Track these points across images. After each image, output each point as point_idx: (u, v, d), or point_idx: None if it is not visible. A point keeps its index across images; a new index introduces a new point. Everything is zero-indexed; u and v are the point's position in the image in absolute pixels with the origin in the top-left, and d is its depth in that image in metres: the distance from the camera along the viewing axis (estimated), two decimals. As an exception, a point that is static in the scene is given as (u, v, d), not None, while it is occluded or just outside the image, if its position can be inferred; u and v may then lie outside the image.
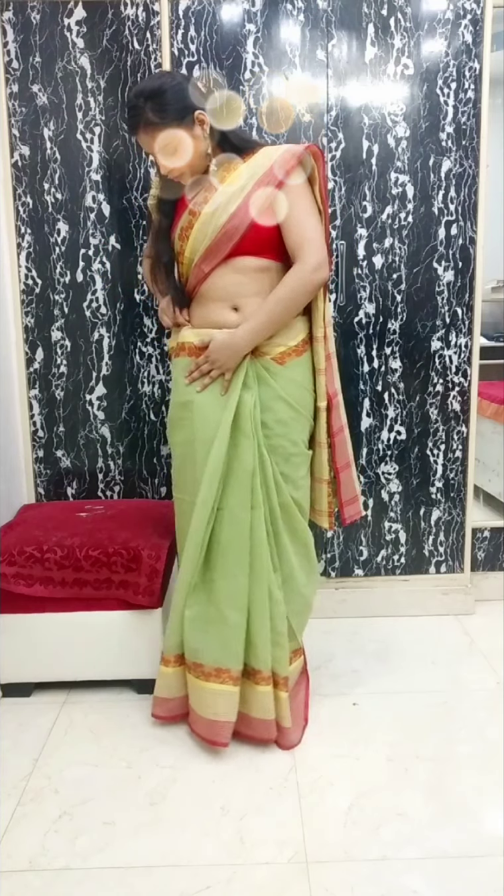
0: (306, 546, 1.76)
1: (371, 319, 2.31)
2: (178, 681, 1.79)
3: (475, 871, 1.36)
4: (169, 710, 1.81)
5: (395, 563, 2.44)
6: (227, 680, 1.69)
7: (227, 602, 1.67)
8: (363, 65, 2.18)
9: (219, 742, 1.70)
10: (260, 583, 1.67)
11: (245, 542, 1.66)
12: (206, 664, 1.70)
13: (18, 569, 1.89)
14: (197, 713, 1.74)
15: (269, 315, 1.63)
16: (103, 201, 2.24)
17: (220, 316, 1.68)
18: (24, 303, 2.28)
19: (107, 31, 2.15)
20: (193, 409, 1.70)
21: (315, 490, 1.82)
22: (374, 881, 1.34)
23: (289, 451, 1.70)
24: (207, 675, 1.70)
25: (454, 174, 2.23)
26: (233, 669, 1.69)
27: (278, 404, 1.68)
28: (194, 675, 1.73)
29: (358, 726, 1.82)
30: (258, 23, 2.14)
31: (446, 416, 2.37)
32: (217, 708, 1.69)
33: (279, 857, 1.40)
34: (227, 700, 1.69)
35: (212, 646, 1.69)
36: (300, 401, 1.71)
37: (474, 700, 1.93)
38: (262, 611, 1.68)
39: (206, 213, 1.63)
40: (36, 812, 1.54)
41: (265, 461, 1.67)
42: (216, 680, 1.69)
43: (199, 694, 1.72)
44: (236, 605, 1.66)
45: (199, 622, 1.71)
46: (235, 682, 1.69)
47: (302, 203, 1.63)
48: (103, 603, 1.91)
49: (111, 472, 2.39)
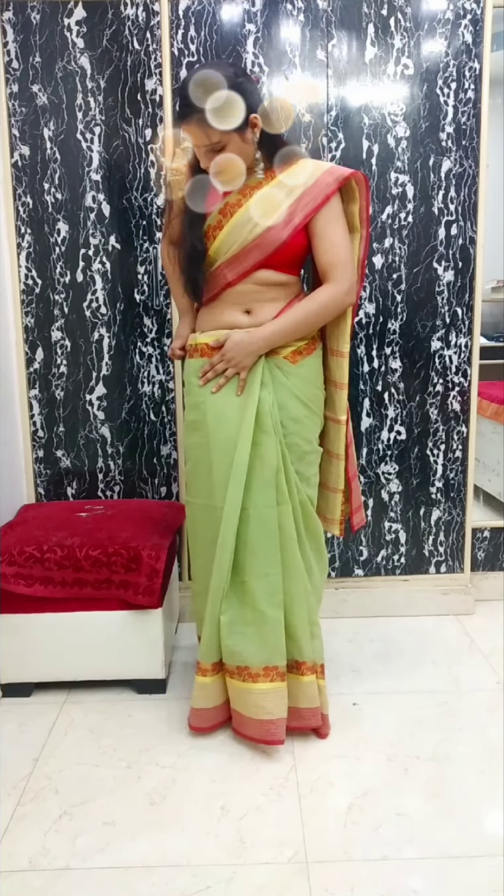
0: (318, 540, 1.79)
1: (371, 319, 2.31)
2: (216, 689, 1.76)
3: (475, 871, 1.36)
4: (209, 720, 1.78)
5: (395, 563, 2.44)
6: (276, 677, 1.69)
7: (263, 600, 1.66)
8: (363, 65, 2.18)
9: (275, 741, 1.68)
10: (295, 577, 1.68)
11: (274, 540, 1.66)
12: (251, 665, 1.68)
13: (18, 569, 1.89)
14: (245, 716, 1.72)
15: (294, 325, 1.65)
16: (103, 201, 2.24)
17: (232, 317, 1.69)
18: (24, 303, 2.28)
19: (107, 31, 2.15)
20: (206, 411, 1.69)
21: (329, 499, 1.84)
22: (374, 881, 1.34)
23: (303, 450, 1.72)
24: (255, 676, 1.69)
25: (454, 174, 2.23)
26: (279, 665, 1.69)
27: (293, 402, 1.69)
28: (240, 679, 1.71)
29: (358, 726, 1.82)
30: (258, 23, 2.14)
31: (446, 416, 2.37)
32: (269, 707, 1.68)
33: (279, 857, 1.40)
34: (278, 697, 1.69)
35: (254, 646, 1.68)
36: (313, 399, 1.73)
37: (474, 700, 1.93)
38: (301, 604, 1.69)
39: (241, 219, 1.61)
40: (36, 812, 1.54)
41: (286, 458, 1.68)
42: (265, 679, 1.68)
43: (247, 697, 1.70)
44: (273, 602, 1.67)
45: (237, 625, 1.70)
46: (283, 678, 1.70)
47: (338, 224, 1.65)
48: (103, 603, 1.91)
49: (111, 472, 2.39)
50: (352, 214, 1.69)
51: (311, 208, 1.61)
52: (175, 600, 2.26)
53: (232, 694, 1.75)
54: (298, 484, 1.71)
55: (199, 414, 1.72)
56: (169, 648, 2.06)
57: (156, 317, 2.30)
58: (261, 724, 1.69)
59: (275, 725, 1.69)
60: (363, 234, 1.71)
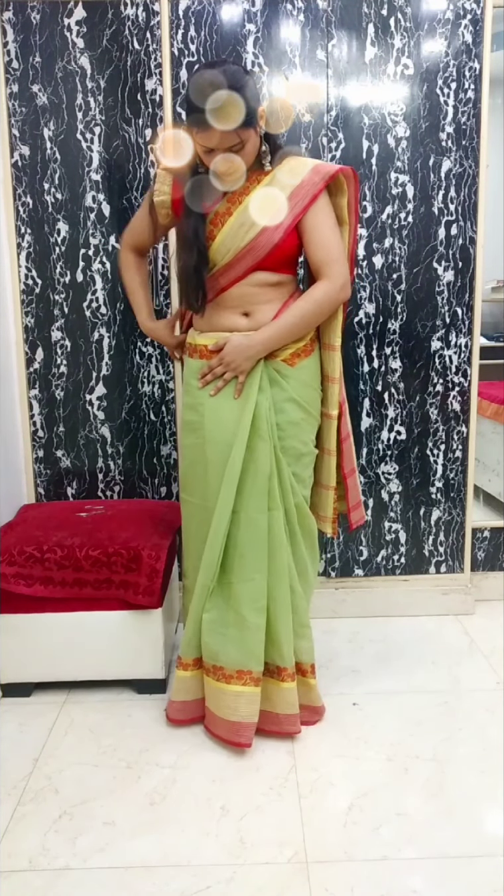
0: (313, 538, 1.80)
1: (371, 319, 2.31)
2: (195, 684, 1.79)
3: (475, 871, 1.36)
4: (186, 713, 1.81)
5: (395, 563, 2.44)
6: (249, 681, 1.69)
7: (246, 605, 1.67)
8: (363, 65, 2.18)
9: (242, 743, 1.69)
10: (280, 583, 1.68)
11: (263, 545, 1.67)
12: (226, 667, 1.70)
13: (18, 569, 1.89)
14: (216, 715, 1.73)
15: (291, 326, 1.65)
16: (103, 201, 2.24)
17: (230, 321, 1.68)
18: (24, 303, 2.28)
19: (107, 31, 2.15)
20: (204, 413, 1.70)
21: (321, 497, 1.84)
22: (374, 881, 1.34)
23: (300, 452, 1.73)
24: (228, 677, 1.70)
25: (454, 174, 2.23)
26: (254, 671, 1.69)
27: (290, 406, 1.69)
28: (214, 678, 1.72)
29: (358, 726, 1.82)
30: (258, 23, 2.14)
31: (446, 416, 2.37)
32: (239, 709, 1.69)
33: (279, 857, 1.40)
34: (249, 701, 1.69)
35: (232, 648, 1.69)
36: (310, 402, 1.74)
37: (474, 700, 1.93)
38: (285, 610, 1.69)
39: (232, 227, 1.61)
40: (36, 812, 1.54)
41: (281, 463, 1.68)
42: (238, 682, 1.69)
43: (219, 696, 1.71)
44: (255, 608, 1.67)
45: (218, 625, 1.71)
46: (257, 683, 1.70)
47: (329, 221, 1.65)
48: (103, 603, 1.91)
49: (111, 472, 2.39)
50: (340, 207, 1.70)
51: (299, 209, 1.62)
52: (175, 600, 2.26)
53: (207, 692, 1.77)
54: (295, 486, 1.71)
55: (196, 415, 1.72)
56: (169, 648, 2.06)
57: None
58: (230, 725, 1.70)
59: (244, 728, 1.69)
60: (351, 225, 1.71)
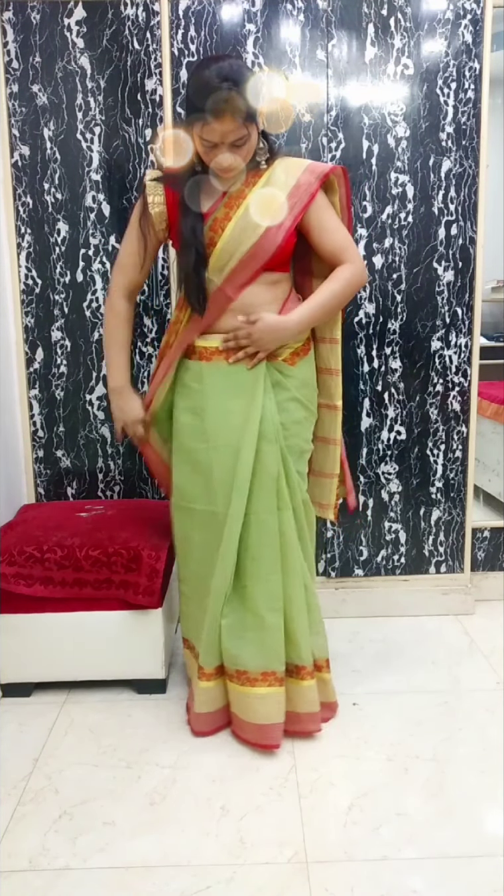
0: (314, 533, 1.84)
1: (371, 319, 2.31)
2: (218, 693, 1.76)
3: (475, 871, 1.36)
4: (211, 724, 1.79)
5: (395, 563, 2.44)
6: (274, 682, 1.69)
7: (264, 605, 1.67)
8: (363, 65, 2.18)
9: (271, 745, 1.70)
10: (294, 582, 1.69)
11: (275, 545, 1.67)
12: (250, 670, 1.69)
13: (18, 569, 1.89)
14: (243, 720, 1.72)
15: (322, 306, 1.67)
16: (103, 201, 2.24)
17: (232, 324, 1.67)
18: (24, 303, 2.28)
19: (107, 31, 2.15)
20: (206, 417, 1.69)
21: (324, 486, 1.86)
22: (374, 881, 1.34)
23: (303, 449, 1.76)
24: (253, 680, 1.69)
25: (454, 174, 2.23)
26: (277, 671, 1.69)
27: (293, 405, 1.71)
28: (238, 683, 1.71)
29: (358, 726, 1.82)
30: (258, 23, 2.14)
31: (446, 416, 2.37)
32: (267, 711, 1.69)
33: (279, 857, 1.40)
34: (275, 702, 1.69)
35: (254, 650, 1.68)
36: (311, 399, 1.76)
37: (474, 700, 1.92)
38: (300, 608, 1.70)
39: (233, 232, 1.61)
40: (36, 812, 1.54)
41: (287, 462, 1.69)
42: (262, 684, 1.68)
43: (245, 701, 1.71)
44: (273, 607, 1.68)
45: (237, 629, 1.70)
46: (281, 682, 1.70)
47: (331, 214, 1.69)
48: (103, 603, 1.91)
49: (111, 472, 2.39)
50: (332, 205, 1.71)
51: (299, 209, 1.63)
52: (175, 600, 2.25)
53: (231, 697, 1.75)
54: (301, 483, 1.73)
55: (196, 419, 1.70)
56: (169, 648, 2.06)
57: (156, 317, 2.29)
58: (258, 729, 1.70)
59: (272, 730, 1.69)
60: (345, 221, 1.73)
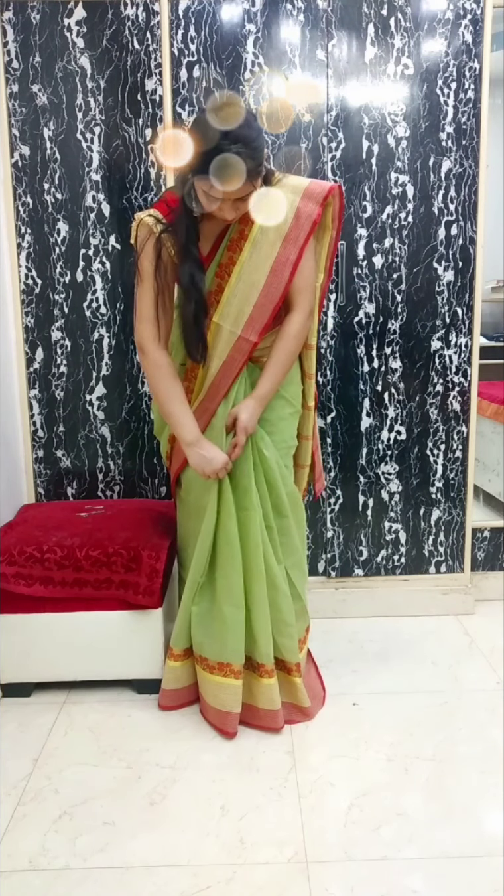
0: (303, 525, 1.87)
1: (371, 319, 2.30)
2: (185, 672, 1.86)
3: (475, 871, 1.36)
4: (176, 699, 1.88)
5: (395, 563, 2.44)
6: (230, 674, 1.74)
7: (224, 599, 1.73)
8: (363, 65, 2.18)
9: (226, 731, 1.77)
10: (257, 580, 1.72)
11: (235, 543, 1.71)
12: (209, 658, 1.77)
13: (18, 569, 1.89)
14: (206, 702, 1.82)
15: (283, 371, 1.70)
16: (103, 201, 2.24)
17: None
18: (24, 303, 2.28)
19: (107, 31, 2.15)
20: None
21: (298, 475, 1.90)
22: (374, 881, 1.34)
23: (289, 445, 1.81)
24: (212, 668, 1.77)
25: (454, 174, 2.23)
26: (234, 664, 1.74)
27: (279, 402, 1.75)
28: (201, 668, 1.80)
29: (358, 726, 1.82)
30: (258, 23, 2.14)
31: (446, 416, 2.37)
32: (223, 699, 1.76)
33: (279, 857, 1.40)
34: (231, 693, 1.75)
35: (214, 641, 1.76)
36: (295, 396, 1.80)
37: (474, 700, 1.92)
38: (262, 607, 1.72)
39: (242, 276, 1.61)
40: (36, 812, 1.54)
41: (265, 460, 1.72)
42: (219, 673, 1.76)
43: (206, 685, 1.80)
44: (232, 602, 1.72)
45: (204, 618, 1.78)
46: (237, 675, 1.75)
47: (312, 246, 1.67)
48: (103, 603, 1.91)
49: (111, 472, 2.39)
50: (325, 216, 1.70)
51: (303, 239, 1.62)
52: (175, 600, 2.25)
53: (198, 679, 1.83)
54: (287, 478, 1.77)
55: None
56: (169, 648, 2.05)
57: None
58: (217, 713, 1.78)
59: (228, 717, 1.76)
60: (333, 233, 1.73)
